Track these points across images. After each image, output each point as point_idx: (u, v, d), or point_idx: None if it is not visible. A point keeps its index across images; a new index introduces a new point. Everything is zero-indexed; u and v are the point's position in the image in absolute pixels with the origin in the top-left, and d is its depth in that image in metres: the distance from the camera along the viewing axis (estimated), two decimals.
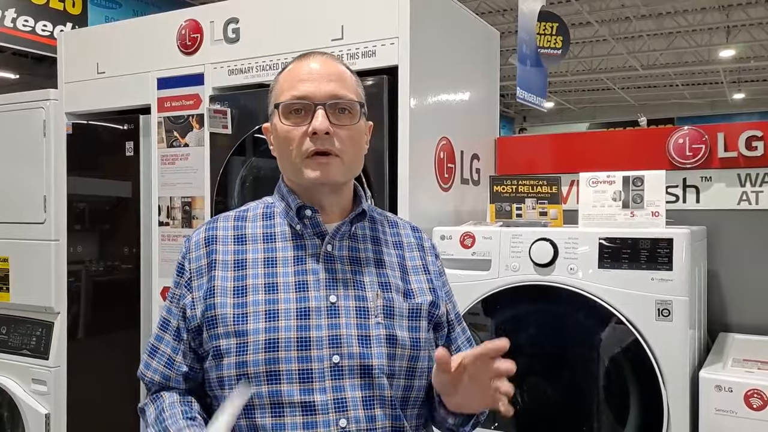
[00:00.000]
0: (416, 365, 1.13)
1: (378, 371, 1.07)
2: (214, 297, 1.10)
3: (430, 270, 1.22)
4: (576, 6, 9.54)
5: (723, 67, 13.02)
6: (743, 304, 2.20)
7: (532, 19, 3.09)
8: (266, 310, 1.07)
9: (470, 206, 2.43)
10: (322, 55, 1.17)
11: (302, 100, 1.10)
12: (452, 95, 2.37)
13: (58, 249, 2.75)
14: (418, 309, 1.15)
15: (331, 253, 1.13)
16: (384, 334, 1.09)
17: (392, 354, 1.09)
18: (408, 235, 1.25)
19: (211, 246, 1.15)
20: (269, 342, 1.05)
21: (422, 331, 1.14)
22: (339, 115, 1.11)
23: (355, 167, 1.16)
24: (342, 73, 1.15)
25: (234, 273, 1.11)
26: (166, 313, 1.18)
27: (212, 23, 2.40)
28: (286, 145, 1.12)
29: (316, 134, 1.08)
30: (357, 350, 1.07)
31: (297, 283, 1.10)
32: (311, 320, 1.07)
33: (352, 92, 1.14)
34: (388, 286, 1.14)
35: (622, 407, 1.77)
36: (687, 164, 2.24)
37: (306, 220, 1.14)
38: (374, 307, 1.11)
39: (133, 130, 2.59)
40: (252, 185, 2.30)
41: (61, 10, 6.52)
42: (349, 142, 1.12)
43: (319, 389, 1.04)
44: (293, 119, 1.11)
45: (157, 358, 1.16)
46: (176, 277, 1.17)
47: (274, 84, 1.18)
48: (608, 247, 1.79)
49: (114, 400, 2.55)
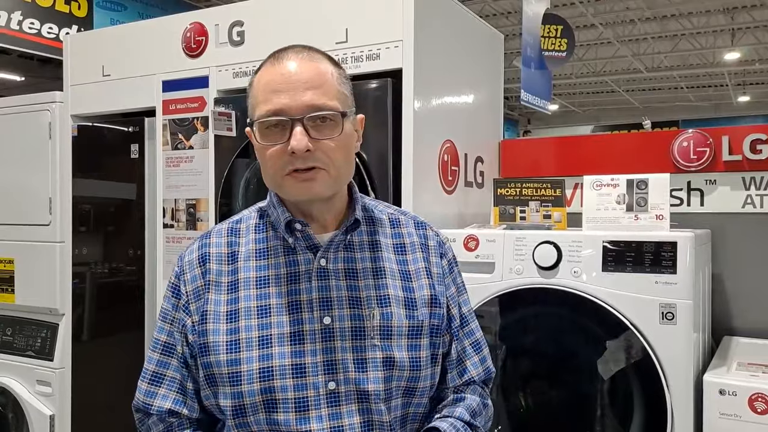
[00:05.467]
0: (416, 385, 1.08)
1: (375, 397, 1.03)
2: (206, 323, 1.05)
3: (432, 273, 1.14)
4: (580, 8, 9.53)
5: (728, 69, 12.99)
6: (748, 308, 2.20)
7: (536, 21, 3.09)
8: (259, 336, 1.03)
9: (474, 209, 2.43)
10: (299, 52, 1.05)
11: (277, 115, 1.01)
12: (456, 98, 2.37)
13: (63, 251, 2.76)
14: (419, 326, 1.09)
15: (325, 268, 1.07)
16: (381, 357, 1.04)
17: (389, 377, 1.05)
18: (411, 234, 1.17)
19: (205, 265, 1.09)
20: (263, 371, 1.01)
21: (423, 350, 1.08)
22: (320, 125, 1.02)
23: (343, 178, 1.08)
24: (322, 75, 1.03)
25: (227, 296, 1.06)
26: (166, 336, 1.11)
27: (217, 26, 2.41)
28: (267, 162, 1.04)
29: (296, 153, 1.00)
30: (353, 375, 1.03)
31: (290, 303, 1.05)
32: (305, 345, 1.03)
33: (333, 98, 1.03)
34: (387, 300, 1.08)
35: (626, 411, 1.77)
36: (691, 167, 2.24)
37: (297, 233, 1.08)
38: (371, 327, 1.05)
39: (138, 133, 2.60)
40: (256, 187, 2.30)
41: (67, 13, 6.55)
42: (333, 153, 1.03)
43: (316, 417, 1.01)
44: (271, 137, 1.02)
45: (165, 386, 1.09)
46: (172, 298, 1.11)
47: (250, 89, 1.08)
48: (612, 250, 1.79)
49: (118, 402, 2.54)
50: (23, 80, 8.85)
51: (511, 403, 1.93)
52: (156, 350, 1.11)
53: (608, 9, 9.98)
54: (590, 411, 1.84)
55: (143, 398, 1.10)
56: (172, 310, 1.11)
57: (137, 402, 1.11)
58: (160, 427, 1.10)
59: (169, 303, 1.12)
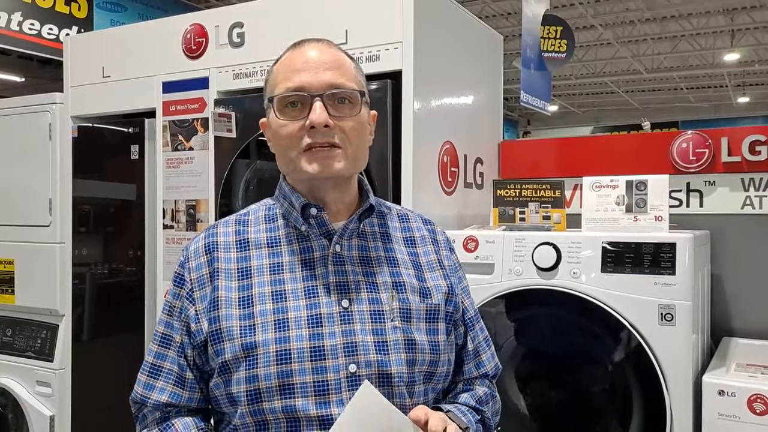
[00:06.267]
0: (436, 370, 1.07)
1: (398, 379, 1.01)
2: (218, 309, 1.03)
3: (444, 265, 1.15)
4: (580, 9, 9.54)
5: (727, 70, 13.00)
6: (747, 309, 2.20)
7: (536, 22, 3.09)
8: (275, 319, 1.00)
9: (473, 210, 2.43)
10: (319, 41, 1.08)
11: (298, 91, 1.02)
12: (456, 99, 2.37)
13: (64, 251, 2.76)
14: (436, 310, 1.08)
15: (340, 254, 1.06)
16: (402, 339, 1.03)
17: (412, 360, 1.03)
18: (420, 228, 1.18)
19: (212, 254, 1.07)
20: (281, 353, 0.98)
21: (441, 334, 1.08)
22: (339, 105, 1.04)
23: (360, 160, 1.08)
24: (340, 60, 1.07)
25: (238, 282, 1.04)
26: (165, 328, 1.09)
27: (217, 27, 2.41)
28: (283, 141, 1.05)
29: (315, 128, 1.01)
30: (374, 358, 1.00)
31: (306, 288, 1.03)
32: (324, 328, 1.00)
33: (351, 80, 1.06)
34: (403, 287, 1.07)
35: (625, 411, 1.77)
36: (690, 168, 2.24)
37: (311, 219, 1.07)
38: (390, 309, 1.04)
39: (138, 134, 2.61)
40: (256, 188, 2.31)
41: (67, 14, 6.55)
42: (351, 133, 1.04)
43: (336, 401, 0.98)
44: (289, 113, 1.04)
45: (163, 378, 1.07)
46: (175, 288, 1.09)
47: (269, 75, 1.10)
48: (611, 251, 1.79)
49: (118, 403, 2.55)
50: (23, 81, 8.84)
51: (511, 403, 1.94)
52: (155, 342, 1.10)
53: (608, 10, 9.98)
54: (590, 412, 1.84)
55: (142, 391, 1.08)
56: (173, 300, 1.09)
57: (135, 394, 1.10)
58: (156, 414, 1.08)
59: (171, 294, 1.10)
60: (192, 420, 1.07)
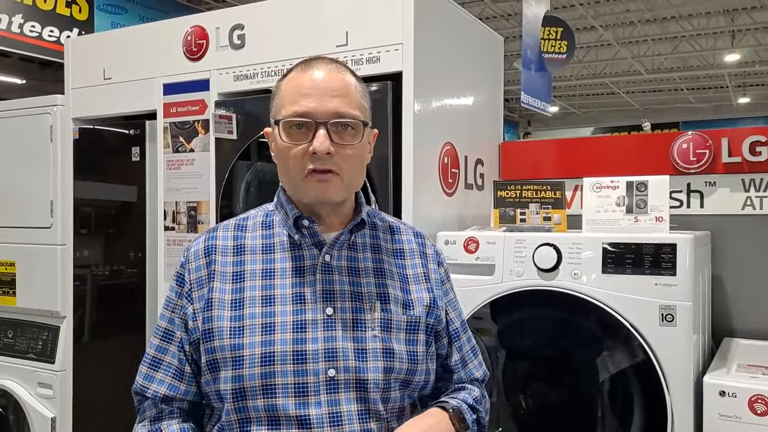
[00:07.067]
0: (413, 378, 1.13)
1: (373, 385, 1.07)
2: (211, 310, 1.09)
3: (431, 278, 1.21)
4: (580, 11, 9.54)
5: (728, 71, 13.00)
6: (747, 309, 2.20)
7: (536, 23, 3.10)
8: (263, 323, 1.07)
9: (474, 211, 2.43)
10: (328, 63, 1.13)
11: (303, 117, 1.08)
12: (456, 100, 2.38)
13: (65, 253, 2.76)
14: (417, 322, 1.14)
15: (329, 264, 1.12)
16: (380, 347, 1.09)
17: (389, 368, 1.09)
18: (410, 241, 1.24)
19: (210, 256, 1.14)
20: (265, 355, 1.05)
21: (420, 345, 1.14)
22: (342, 132, 1.09)
23: (354, 185, 1.15)
24: (347, 86, 1.11)
25: (232, 285, 1.11)
26: (167, 323, 1.15)
27: (218, 29, 2.42)
28: (287, 161, 1.11)
29: (316, 154, 1.07)
30: (353, 364, 1.07)
31: (294, 295, 1.09)
32: (307, 333, 1.07)
33: (356, 108, 1.11)
34: (387, 298, 1.13)
35: (626, 412, 1.77)
36: (691, 169, 2.24)
37: (304, 230, 1.13)
38: (371, 319, 1.10)
39: (139, 136, 2.61)
40: (257, 190, 2.31)
41: (68, 16, 6.56)
42: (350, 160, 1.10)
43: (315, 403, 1.04)
44: (294, 136, 1.09)
45: (162, 370, 1.13)
46: (176, 287, 1.16)
47: (276, 91, 1.15)
48: (612, 252, 1.79)
49: (119, 404, 2.55)
50: (24, 83, 8.86)
51: (512, 404, 1.94)
52: (157, 336, 1.16)
53: (608, 11, 9.99)
54: (590, 413, 1.84)
55: (142, 381, 1.15)
56: (175, 297, 1.16)
57: (136, 385, 1.15)
58: (153, 411, 1.14)
59: (172, 291, 1.16)
60: (179, 428, 1.11)
